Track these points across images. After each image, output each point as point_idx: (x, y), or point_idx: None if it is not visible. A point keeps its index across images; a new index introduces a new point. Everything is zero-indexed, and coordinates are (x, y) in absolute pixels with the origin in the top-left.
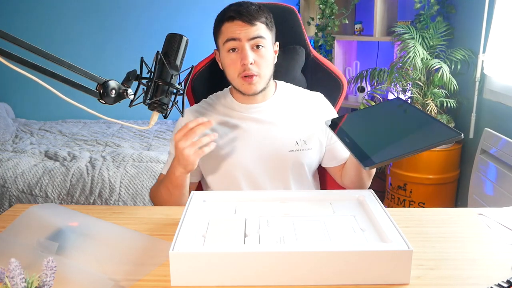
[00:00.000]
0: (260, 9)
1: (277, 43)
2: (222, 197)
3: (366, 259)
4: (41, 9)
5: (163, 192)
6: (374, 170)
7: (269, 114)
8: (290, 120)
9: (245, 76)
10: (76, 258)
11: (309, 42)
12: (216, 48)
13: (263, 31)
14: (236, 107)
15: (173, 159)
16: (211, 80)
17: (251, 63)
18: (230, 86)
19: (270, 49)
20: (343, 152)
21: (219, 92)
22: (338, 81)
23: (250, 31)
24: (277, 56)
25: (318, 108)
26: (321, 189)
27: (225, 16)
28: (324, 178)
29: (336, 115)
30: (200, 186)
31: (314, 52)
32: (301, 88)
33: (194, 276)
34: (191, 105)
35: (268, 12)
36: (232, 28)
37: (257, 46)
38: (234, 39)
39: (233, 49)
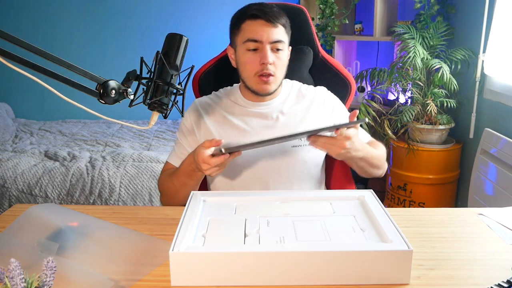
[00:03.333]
0: (281, 11)
1: (290, 47)
2: (222, 197)
3: (366, 259)
4: (41, 9)
5: (176, 183)
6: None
7: (273, 111)
8: (294, 117)
9: (261, 76)
10: (76, 258)
11: (318, 43)
12: (230, 44)
13: (282, 34)
14: (243, 104)
15: (192, 159)
16: (218, 80)
17: (270, 64)
18: (240, 83)
19: (286, 52)
20: None
21: (229, 87)
22: (346, 82)
23: (272, 33)
24: None
25: (322, 102)
26: (325, 183)
27: (247, 14)
28: (329, 174)
29: (341, 104)
30: (204, 182)
31: (323, 53)
32: (305, 84)
33: (194, 276)
34: None
35: (286, 17)
36: (255, 28)
37: (277, 49)
38: (255, 41)
39: (253, 49)
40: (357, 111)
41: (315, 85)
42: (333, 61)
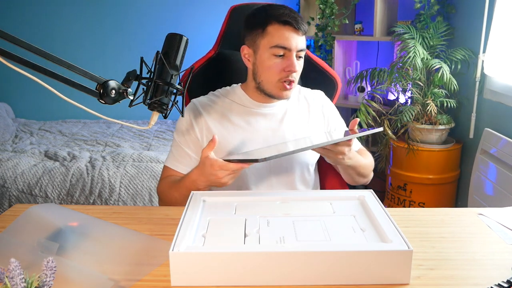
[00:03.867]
0: (301, 16)
1: None
2: (222, 197)
3: (366, 259)
4: (41, 9)
5: (176, 195)
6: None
7: (278, 112)
8: (296, 118)
9: (285, 82)
10: (76, 258)
11: None
12: (246, 44)
13: (305, 42)
14: (247, 104)
15: (199, 175)
16: (207, 81)
17: (295, 72)
18: (245, 84)
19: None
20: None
21: (228, 87)
22: (333, 81)
23: (300, 42)
24: None
25: (321, 106)
26: (320, 187)
27: (274, 17)
28: (324, 176)
29: (337, 111)
30: None
31: (308, 52)
32: (302, 87)
33: (194, 276)
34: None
35: None
36: (285, 34)
37: (299, 57)
38: (284, 48)
39: (279, 55)
40: (358, 119)
41: (302, 84)
42: (318, 60)
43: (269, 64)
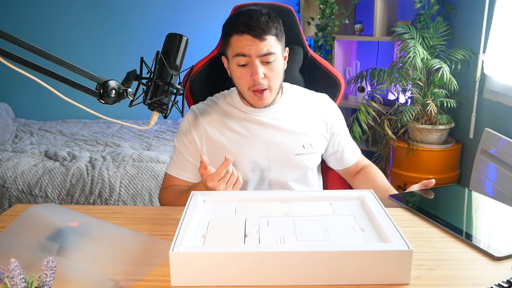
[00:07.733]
0: (270, 19)
1: (287, 48)
2: (222, 197)
3: (366, 259)
4: (41, 9)
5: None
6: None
7: (277, 118)
8: (297, 124)
9: (255, 91)
10: (76, 258)
11: (306, 42)
12: (223, 54)
13: (273, 45)
14: (242, 109)
15: (205, 188)
16: (209, 81)
17: (262, 78)
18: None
19: (280, 61)
20: (348, 157)
21: (225, 91)
22: (336, 81)
23: (260, 47)
24: None
25: (324, 110)
26: (321, 188)
27: (234, 28)
28: (325, 178)
29: (341, 116)
30: None
31: (311, 52)
32: (306, 90)
33: (194, 276)
34: (189, 106)
35: (278, 20)
36: (242, 43)
37: (267, 62)
38: (243, 55)
39: (243, 64)
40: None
41: (305, 84)
42: (322, 60)
43: (236, 75)
